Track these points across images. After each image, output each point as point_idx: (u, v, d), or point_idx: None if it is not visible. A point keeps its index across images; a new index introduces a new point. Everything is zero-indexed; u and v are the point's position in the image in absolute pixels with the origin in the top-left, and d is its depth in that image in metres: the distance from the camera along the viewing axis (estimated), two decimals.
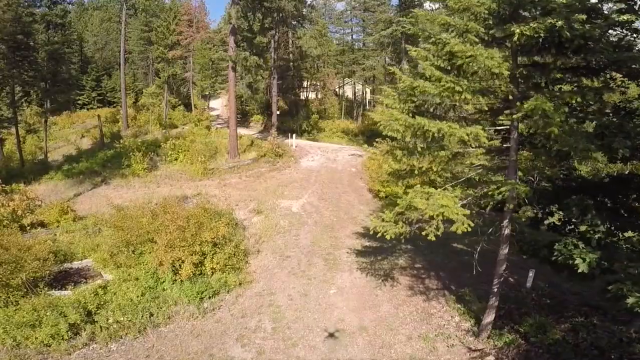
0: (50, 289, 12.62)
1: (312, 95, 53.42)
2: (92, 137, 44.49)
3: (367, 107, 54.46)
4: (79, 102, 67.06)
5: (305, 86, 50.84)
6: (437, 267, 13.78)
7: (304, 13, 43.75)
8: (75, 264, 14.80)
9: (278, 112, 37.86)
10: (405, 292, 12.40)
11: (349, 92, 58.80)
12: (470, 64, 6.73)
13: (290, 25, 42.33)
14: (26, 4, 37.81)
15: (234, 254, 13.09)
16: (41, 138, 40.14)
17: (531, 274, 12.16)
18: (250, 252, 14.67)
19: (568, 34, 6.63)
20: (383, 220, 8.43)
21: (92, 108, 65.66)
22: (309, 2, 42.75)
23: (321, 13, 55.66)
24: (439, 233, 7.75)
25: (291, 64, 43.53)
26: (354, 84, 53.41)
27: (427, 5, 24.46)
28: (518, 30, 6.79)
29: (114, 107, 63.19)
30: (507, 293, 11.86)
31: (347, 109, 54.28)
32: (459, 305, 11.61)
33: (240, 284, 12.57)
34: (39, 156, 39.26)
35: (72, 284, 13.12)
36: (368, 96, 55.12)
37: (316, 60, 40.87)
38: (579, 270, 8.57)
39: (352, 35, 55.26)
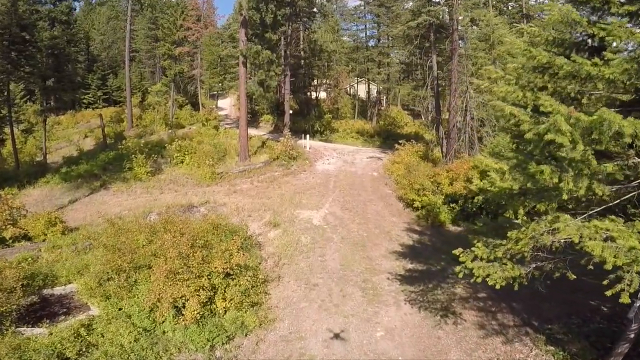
0: (21, 324, 10.15)
1: (322, 95, 50.97)
2: (95, 138, 42.34)
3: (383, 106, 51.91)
4: (84, 101, 65.10)
5: (316, 84, 48.36)
6: (507, 297, 11.01)
7: (314, 10, 41.35)
8: (57, 290, 12.31)
9: (290, 112, 35.30)
10: (475, 331, 9.71)
11: (360, 92, 56.24)
12: None
13: (302, 20, 39.83)
14: (31, 0, 35.69)
15: (252, 286, 10.46)
16: (37, 138, 38.03)
17: (638, 303, 9.44)
18: (270, 279, 12.04)
19: None
20: (475, 255, 5.77)
21: (97, 107, 63.69)
22: None
23: (333, 9, 53.11)
24: (631, 290, 5.08)
25: (302, 61, 41.08)
26: (368, 82, 50.78)
27: None
28: None
29: (120, 106, 61.19)
30: (608, 327, 9.24)
31: (360, 109, 51.65)
32: (552, 347, 8.92)
33: (260, 324, 9.93)
34: (38, 157, 37.07)
35: (50, 318, 10.62)
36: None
37: (332, 55, 38.25)
38: None
39: (365, 31, 52.72)
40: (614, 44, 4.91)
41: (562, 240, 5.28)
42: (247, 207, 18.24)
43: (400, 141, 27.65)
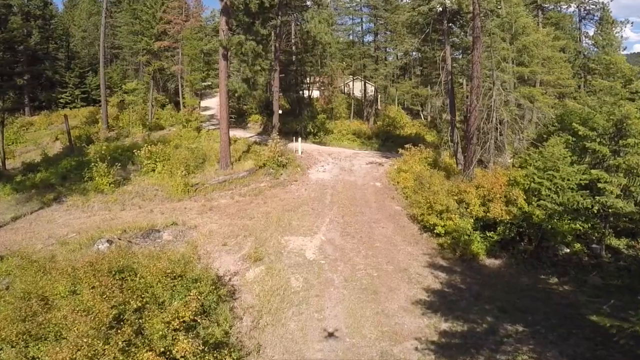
0: None
1: (316, 94, 47.44)
2: (66, 141, 38.32)
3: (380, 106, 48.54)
4: (62, 100, 60.78)
5: (309, 82, 44.73)
6: None
7: (306, 4, 37.75)
8: None
9: (280, 112, 31.52)
10: None
11: (356, 90, 52.80)
12: None
13: (294, 11, 36.11)
14: None
15: None
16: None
17: None
18: (246, 351, 8.27)
19: None
20: None
21: (75, 107, 59.64)
22: None
23: (327, 2, 49.57)
24: None
25: (294, 57, 37.35)
26: (365, 80, 47.29)
27: None
28: None
29: (99, 106, 57.06)
30: None
31: (356, 109, 48.18)
32: None
33: None
34: None
35: None
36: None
37: (327, 48, 34.65)
38: None
39: (362, 25, 49.15)
40: None
41: None
42: (222, 232, 14.42)
43: (405, 145, 24.21)
